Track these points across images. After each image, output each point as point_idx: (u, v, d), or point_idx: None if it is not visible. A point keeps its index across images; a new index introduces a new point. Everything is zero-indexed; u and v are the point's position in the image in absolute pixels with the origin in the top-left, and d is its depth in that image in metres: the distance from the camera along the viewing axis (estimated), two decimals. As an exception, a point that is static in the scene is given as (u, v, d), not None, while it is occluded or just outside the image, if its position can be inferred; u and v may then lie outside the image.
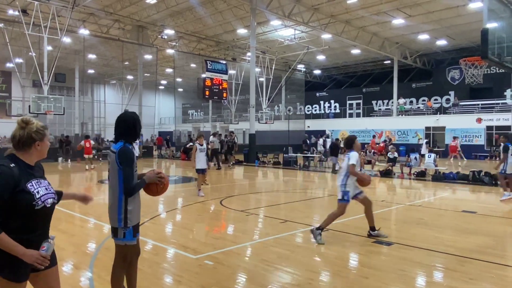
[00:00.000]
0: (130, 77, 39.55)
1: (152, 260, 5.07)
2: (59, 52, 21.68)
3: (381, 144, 23.44)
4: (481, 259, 5.16)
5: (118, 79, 40.13)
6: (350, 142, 6.37)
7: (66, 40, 25.10)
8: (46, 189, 2.31)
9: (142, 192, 3.39)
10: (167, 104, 47.20)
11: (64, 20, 21.47)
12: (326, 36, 26.86)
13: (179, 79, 43.64)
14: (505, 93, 28.26)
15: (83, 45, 27.47)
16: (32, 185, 2.24)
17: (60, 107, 21.99)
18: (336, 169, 17.23)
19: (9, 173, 2.15)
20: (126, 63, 34.85)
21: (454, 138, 24.10)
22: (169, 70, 38.69)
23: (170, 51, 31.92)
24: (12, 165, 2.20)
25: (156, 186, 3.44)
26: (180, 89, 49.92)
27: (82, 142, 18.21)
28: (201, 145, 10.28)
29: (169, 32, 27.95)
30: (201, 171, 10.36)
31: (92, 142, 19.16)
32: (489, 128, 27.62)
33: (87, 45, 28.56)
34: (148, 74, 36.95)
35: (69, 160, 23.13)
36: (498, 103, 28.64)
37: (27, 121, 2.34)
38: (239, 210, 8.59)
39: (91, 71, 38.16)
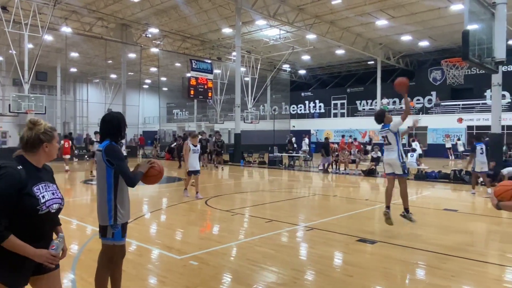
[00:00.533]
0: (113, 76, 39.02)
1: (136, 261, 5.02)
2: (40, 50, 21.23)
3: (355, 143, 23.63)
4: (462, 257, 5.27)
5: (101, 78, 39.55)
6: (381, 117, 6.62)
7: (48, 38, 24.61)
8: (53, 193, 2.26)
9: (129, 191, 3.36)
10: (152, 103, 46.76)
11: (46, 18, 21.04)
12: (311, 36, 27.00)
13: (163, 78, 43.27)
14: (485, 94, 28.90)
15: (65, 43, 26.96)
16: (39, 189, 2.19)
17: (41, 106, 21.54)
18: (328, 169, 17.31)
19: (15, 175, 2.11)
20: (110, 61, 34.36)
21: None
22: (153, 69, 38.34)
23: (154, 50, 31.61)
24: (20, 167, 2.16)
25: (152, 172, 3.43)
26: (165, 88, 49.52)
27: (62, 142, 17.85)
28: (195, 145, 9.97)
29: (154, 30, 27.68)
30: (194, 173, 10.01)
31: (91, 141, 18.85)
32: (469, 128, 28.23)
33: (70, 43, 28.06)
34: (132, 73, 36.53)
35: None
36: (479, 103, 29.29)
37: (35, 121, 2.30)
38: (224, 210, 8.57)
39: (73, 69, 37.49)
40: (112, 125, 3.38)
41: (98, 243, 2.33)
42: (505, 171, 11.61)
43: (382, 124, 6.61)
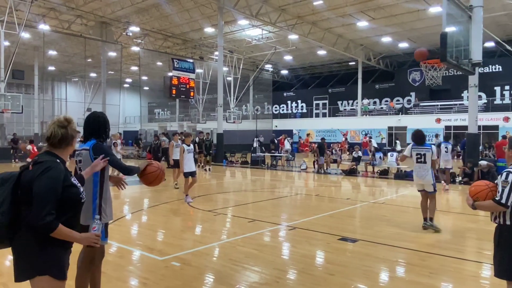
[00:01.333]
0: (93, 74, 38.32)
1: (116, 263, 4.94)
2: (17, 48, 20.68)
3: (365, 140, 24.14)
4: (441, 254, 5.38)
5: (81, 76, 38.78)
6: (424, 138, 7.07)
7: (25, 35, 23.96)
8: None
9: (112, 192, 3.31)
10: (133, 102, 46.14)
11: (23, 15, 20.51)
12: (293, 36, 27.14)
13: (145, 77, 42.74)
14: (462, 94, 29.63)
15: (43, 40, 26.34)
16: (75, 180, 2.39)
17: (18, 105, 20.96)
18: (326, 169, 17.30)
19: (60, 169, 2.28)
20: (89, 60, 33.72)
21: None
22: (134, 68, 37.83)
23: (135, 49, 31.19)
24: (58, 160, 2.33)
25: (150, 169, 3.48)
26: (146, 88, 48.93)
27: (29, 146, 17.35)
28: (188, 145, 9.59)
29: (134, 29, 27.31)
30: (190, 174, 9.53)
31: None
32: (447, 128, 28.89)
33: (47, 41, 27.42)
34: (112, 72, 35.96)
35: (17, 160, 22.11)
36: (456, 104, 30.02)
37: (69, 120, 2.47)
38: (206, 210, 8.53)
39: (51, 68, 36.67)
40: (97, 125, 3.44)
41: (76, 244, 2.29)
42: (482, 162, 12.17)
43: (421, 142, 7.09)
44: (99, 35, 27.20)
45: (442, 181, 11.99)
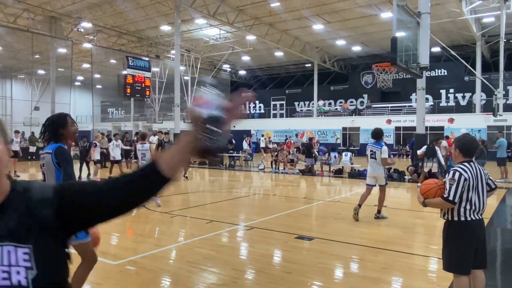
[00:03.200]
0: (41, 71, 36.39)
1: (67, 269, 4.72)
2: (-46, 41, 19.23)
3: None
4: (392, 249, 5.62)
5: (27, 73, 36.71)
6: (380, 135, 7.64)
7: (-36, 28, 22.36)
8: None
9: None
10: (84, 101, 44.29)
11: (-39, 6, 19.10)
12: (251, 37, 27.25)
13: (97, 75, 41.19)
14: (411, 97, 31.11)
15: (-15, 34, 24.68)
16: None
17: (-44, 103, 19.51)
18: (313, 170, 17.28)
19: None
20: (37, 56, 31.98)
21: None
22: (86, 66, 36.33)
23: (87, 45, 29.96)
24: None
25: None
26: (99, 86, 47.16)
27: None
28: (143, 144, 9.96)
29: (86, 25, 26.23)
30: None
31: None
32: (397, 128, 30.24)
33: (-10, 35, 25.74)
34: (62, 69, 34.31)
35: None
36: (405, 106, 31.48)
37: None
38: (163, 212, 8.36)
39: (-5, 63, 34.44)
40: (58, 126, 3.37)
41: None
42: (420, 151, 13.29)
43: (374, 141, 7.65)
44: (48, 30, 25.86)
45: None
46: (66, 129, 3.39)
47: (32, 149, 22.54)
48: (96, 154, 13.66)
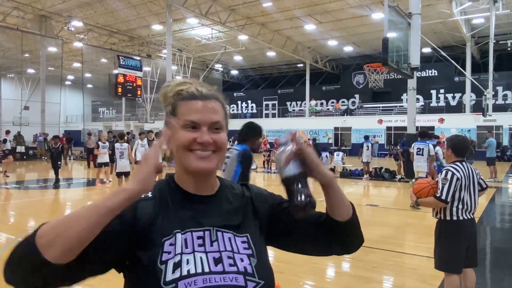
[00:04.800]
0: (31, 70, 35.97)
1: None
2: None
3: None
4: (383, 249, 5.65)
5: (17, 72, 36.25)
6: (425, 135, 8.87)
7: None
8: None
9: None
10: (75, 101, 43.87)
11: (-51, 3, 18.81)
12: (243, 37, 27.24)
13: (88, 75, 40.85)
14: (402, 97, 31.34)
15: (-27, 32, 24.33)
16: None
17: None
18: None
19: None
20: (27, 55, 31.62)
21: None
22: (77, 65, 35.98)
23: (78, 44, 29.69)
24: None
25: None
26: (90, 85, 46.79)
27: None
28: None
29: (77, 24, 26.00)
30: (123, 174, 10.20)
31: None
32: (388, 128, 30.45)
33: (-22, 33, 25.38)
34: (53, 68, 33.99)
35: None
36: (396, 106, 31.71)
37: None
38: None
39: (-17, 62, 33.96)
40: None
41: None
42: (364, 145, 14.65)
43: (420, 139, 8.90)
44: (38, 29, 25.59)
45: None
46: None
47: (20, 149, 22.27)
48: (103, 157, 11.81)
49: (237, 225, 1.01)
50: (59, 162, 12.43)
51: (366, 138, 16.27)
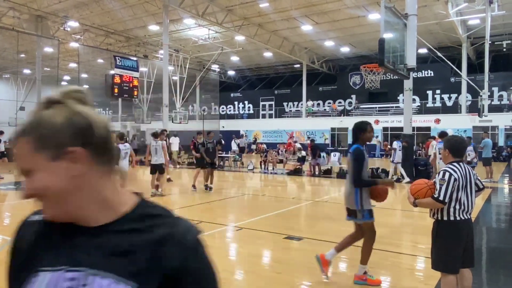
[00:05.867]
0: (27, 71, 35.82)
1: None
2: None
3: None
4: (380, 249, 5.65)
5: (13, 72, 36.08)
6: (446, 134, 9.03)
7: None
8: None
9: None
10: (71, 101, 43.67)
11: None
12: (240, 37, 27.23)
13: (84, 75, 40.72)
14: (398, 98, 31.42)
15: (-32, 33, 24.19)
16: None
17: None
18: (272, 169, 17.27)
19: None
20: (22, 55, 31.49)
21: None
22: (73, 65, 35.85)
23: (74, 45, 29.59)
24: None
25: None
26: (86, 86, 46.60)
27: None
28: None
29: (73, 24, 25.91)
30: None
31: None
32: (385, 129, 30.54)
33: (-26, 33, 25.24)
34: (49, 69, 33.82)
35: None
36: (393, 106, 31.81)
37: None
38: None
39: (-22, 62, 33.77)
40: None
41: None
42: (394, 144, 14.39)
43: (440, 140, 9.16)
44: (34, 29, 25.48)
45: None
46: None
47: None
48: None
49: (127, 269, 0.75)
50: None
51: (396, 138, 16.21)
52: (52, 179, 0.75)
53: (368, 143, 4.40)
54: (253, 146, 34.39)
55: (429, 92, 31.95)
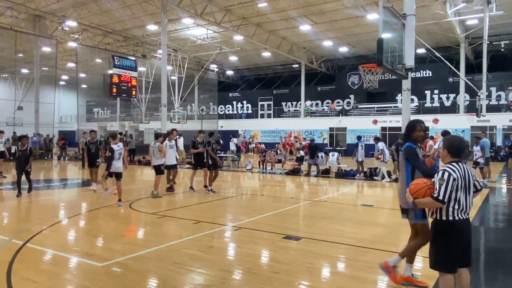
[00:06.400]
0: (25, 70, 35.73)
1: (51, 271, 4.65)
2: None
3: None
4: (378, 248, 5.67)
5: (11, 72, 35.99)
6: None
7: None
8: None
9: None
10: (69, 101, 43.64)
11: None
12: (238, 37, 27.23)
13: (82, 75, 40.66)
14: (396, 98, 31.49)
15: (-34, 32, 24.13)
16: None
17: None
18: (271, 169, 17.27)
19: None
20: (20, 55, 31.41)
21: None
22: (71, 65, 35.82)
23: (72, 44, 29.55)
24: None
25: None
26: (84, 86, 46.58)
27: None
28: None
29: (71, 23, 25.87)
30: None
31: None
32: (383, 129, 30.58)
33: (-28, 32, 25.17)
34: (47, 68, 33.78)
35: None
36: (391, 106, 31.86)
37: None
38: (150, 212, 8.29)
39: (-24, 62, 33.68)
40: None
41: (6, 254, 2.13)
42: (380, 145, 14.78)
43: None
44: (32, 28, 25.44)
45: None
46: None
47: (15, 149, 22.07)
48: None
49: None
50: (29, 169, 10.46)
51: (359, 138, 16.55)
52: None
53: (417, 142, 4.18)
54: (251, 146, 34.39)
55: (427, 92, 32.02)
